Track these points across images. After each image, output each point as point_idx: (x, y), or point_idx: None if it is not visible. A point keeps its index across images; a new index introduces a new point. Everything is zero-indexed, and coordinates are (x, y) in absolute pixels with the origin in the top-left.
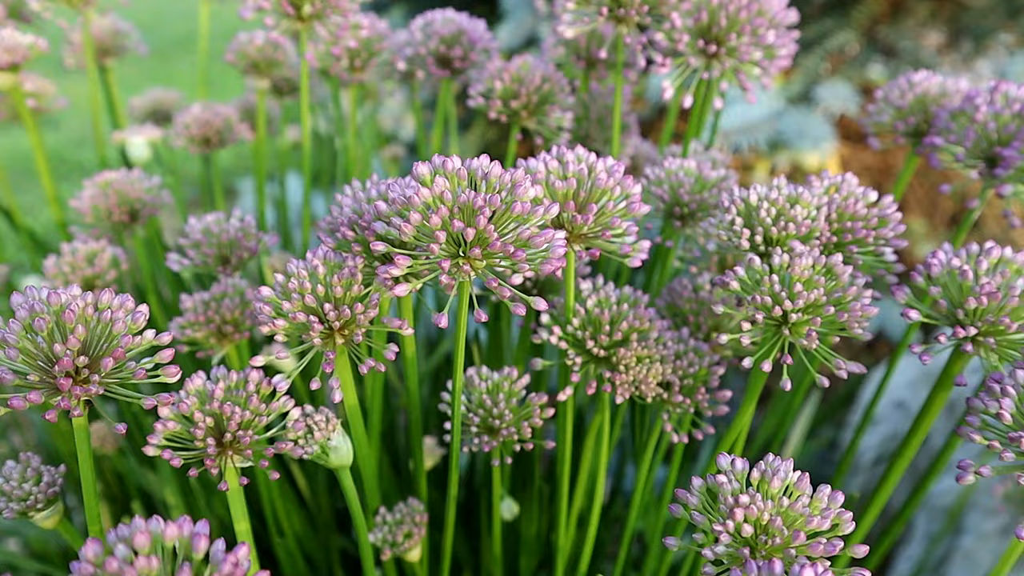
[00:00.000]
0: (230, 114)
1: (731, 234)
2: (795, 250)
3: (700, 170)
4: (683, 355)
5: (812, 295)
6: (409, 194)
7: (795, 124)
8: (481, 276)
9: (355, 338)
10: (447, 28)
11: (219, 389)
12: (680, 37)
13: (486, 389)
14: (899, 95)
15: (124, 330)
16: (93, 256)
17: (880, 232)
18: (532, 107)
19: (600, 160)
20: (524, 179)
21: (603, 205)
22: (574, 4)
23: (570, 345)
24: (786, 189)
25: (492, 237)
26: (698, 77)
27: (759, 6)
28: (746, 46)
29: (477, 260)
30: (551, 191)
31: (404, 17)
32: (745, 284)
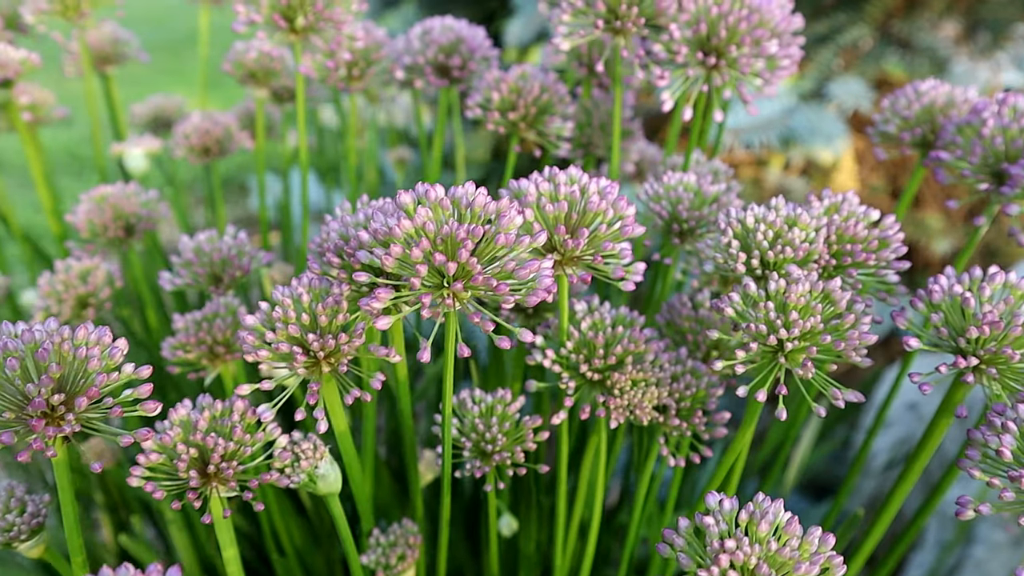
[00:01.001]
0: (229, 123)
1: (727, 257)
2: (792, 275)
3: (700, 185)
4: (680, 377)
5: (808, 323)
6: (392, 224)
7: (807, 121)
8: (465, 309)
9: (340, 368)
10: (445, 36)
11: (203, 420)
12: (679, 48)
13: (479, 413)
14: (905, 105)
15: (100, 367)
16: (87, 274)
17: (881, 254)
18: (530, 119)
19: (593, 181)
20: (509, 208)
21: (595, 228)
22: (569, 16)
23: (564, 368)
24: (784, 210)
25: (475, 270)
26: (698, 89)
27: (760, 16)
28: (747, 57)
29: (460, 293)
30: (542, 215)
31: (416, 13)
32: (740, 310)
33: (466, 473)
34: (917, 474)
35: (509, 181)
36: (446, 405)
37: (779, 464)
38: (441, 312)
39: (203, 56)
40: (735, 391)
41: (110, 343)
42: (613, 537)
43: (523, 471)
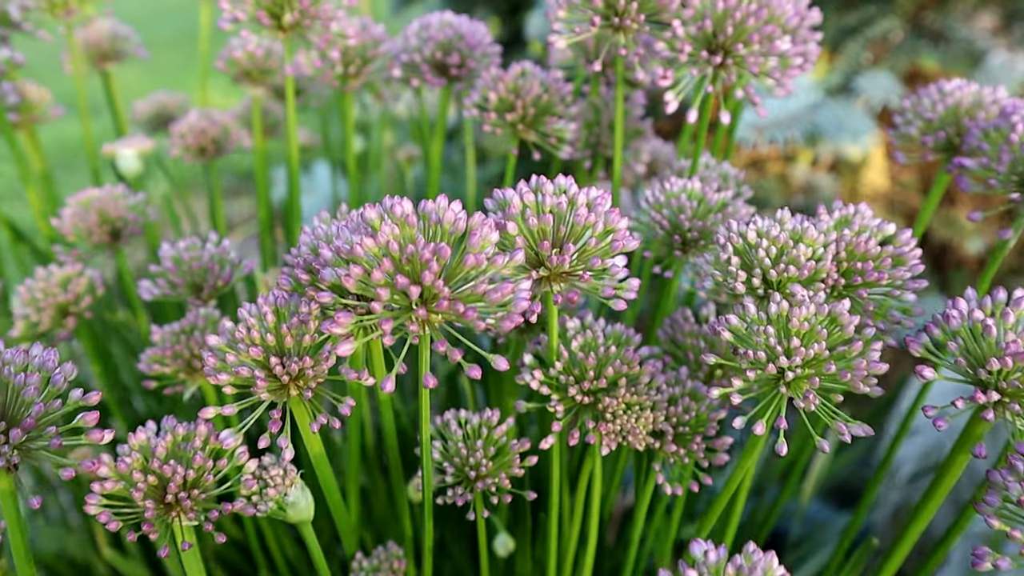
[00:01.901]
0: (227, 122)
1: (726, 274)
2: (795, 296)
3: (704, 192)
4: (678, 400)
5: (811, 350)
6: (355, 241)
7: (833, 117)
8: (435, 334)
9: (305, 394)
10: (443, 33)
11: (161, 446)
12: (682, 46)
13: (462, 436)
14: (928, 106)
15: (37, 396)
16: (68, 281)
17: (896, 273)
18: (529, 120)
19: (583, 191)
20: (482, 225)
21: (584, 243)
22: (565, 12)
23: (552, 390)
24: (790, 223)
25: (441, 294)
26: (703, 89)
27: (770, 11)
28: (756, 56)
29: (426, 318)
30: (525, 228)
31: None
32: (738, 334)
33: (448, 500)
34: (934, 509)
35: (495, 191)
36: (424, 432)
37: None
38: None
39: (203, 52)
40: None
41: (54, 367)
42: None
43: (508, 498)
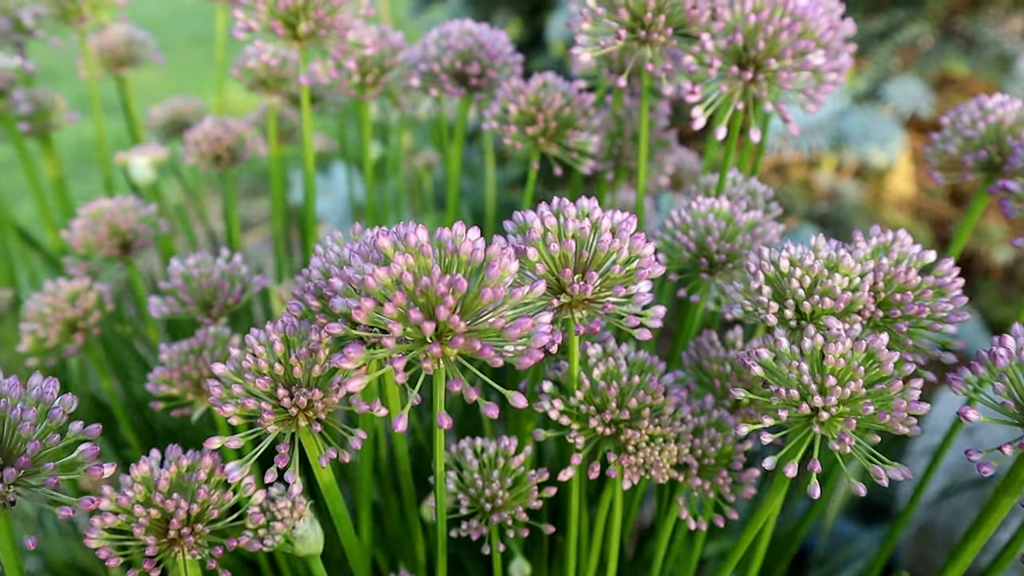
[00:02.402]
0: (242, 129)
1: (757, 305)
2: (831, 330)
3: (732, 212)
4: (703, 431)
5: (848, 389)
6: (367, 271)
7: (860, 124)
8: (451, 371)
9: (313, 428)
10: (463, 41)
11: (164, 479)
12: (712, 61)
13: (478, 467)
14: (969, 123)
15: (34, 432)
16: (76, 296)
17: (937, 306)
18: (551, 133)
19: (607, 215)
20: (500, 255)
21: (607, 269)
22: (589, 25)
23: (572, 420)
24: (825, 251)
25: (457, 329)
26: (732, 106)
27: (804, 25)
28: (788, 71)
29: (440, 354)
30: (547, 254)
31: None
32: (769, 368)
33: (462, 533)
34: (974, 552)
35: (515, 213)
36: (438, 465)
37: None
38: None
39: (219, 58)
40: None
41: (53, 399)
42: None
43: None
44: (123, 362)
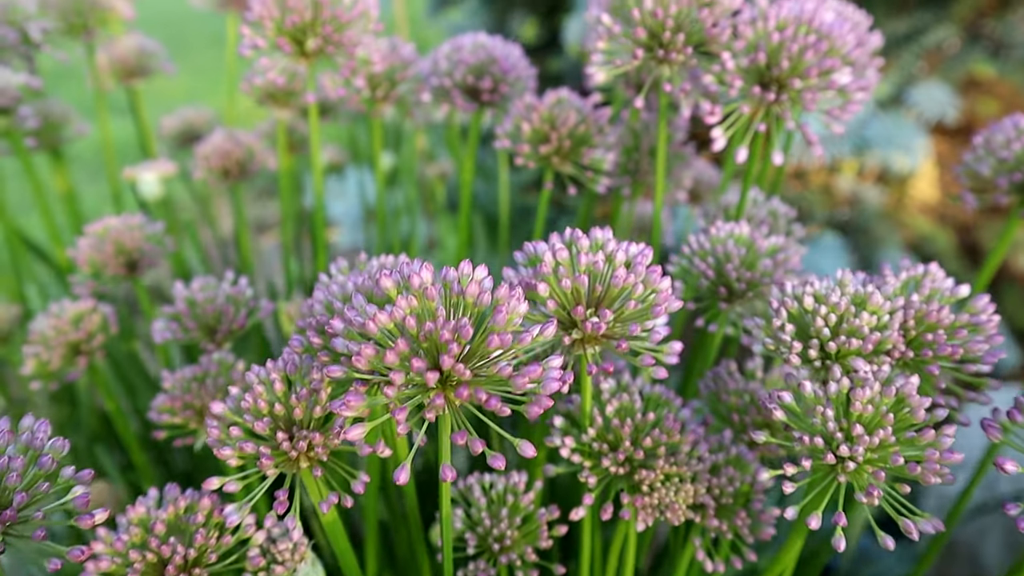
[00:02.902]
0: (252, 143)
1: (779, 343)
2: (858, 372)
3: (753, 238)
4: (721, 468)
5: (876, 438)
6: (369, 313)
7: (884, 130)
8: (457, 420)
9: (314, 472)
10: (475, 56)
11: (161, 523)
12: (732, 80)
13: (486, 504)
14: (1003, 143)
15: (19, 484)
16: (80, 318)
17: (971, 346)
18: (565, 152)
19: (621, 248)
20: (508, 298)
21: (621, 306)
22: (605, 43)
23: (585, 458)
24: (852, 286)
25: (463, 377)
26: (755, 127)
27: (830, 43)
28: (813, 92)
29: (444, 403)
30: (558, 290)
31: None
32: (793, 412)
33: (469, 575)
34: None
35: (525, 244)
36: (444, 511)
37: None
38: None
39: (229, 68)
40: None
41: (43, 444)
42: None
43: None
44: (131, 380)
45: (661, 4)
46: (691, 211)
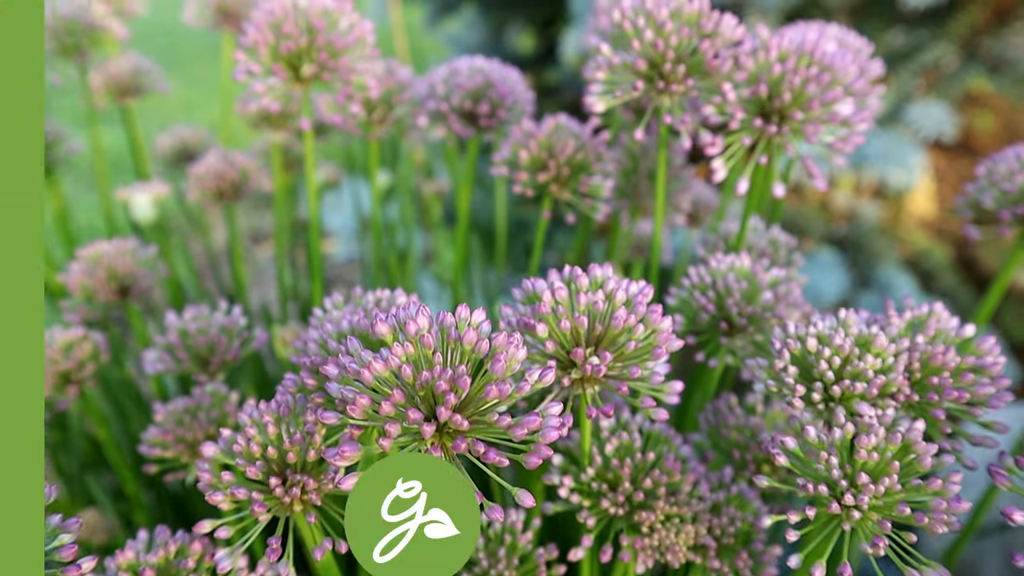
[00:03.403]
0: (246, 163)
1: (782, 385)
2: (863, 418)
3: (754, 272)
4: (722, 507)
5: (881, 486)
6: (366, 359)
7: (881, 147)
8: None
9: (308, 518)
10: (472, 80)
11: (150, 569)
12: (734, 112)
13: (484, 544)
14: (1006, 174)
15: None
16: (70, 347)
17: (978, 391)
18: (563, 179)
19: (622, 286)
20: (507, 345)
21: (621, 347)
22: (604, 74)
23: (583, 497)
24: (855, 327)
25: (460, 429)
26: (755, 159)
27: (832, 75)
28: (815, 124)
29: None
30: (557, 331)
31: (476, 16)
32: (796, 457)
33: None
34: None
35: (523, 281)
36: None
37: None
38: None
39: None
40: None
41: None
42: None
43: None
44: (123, 404)
45: (661, 35)
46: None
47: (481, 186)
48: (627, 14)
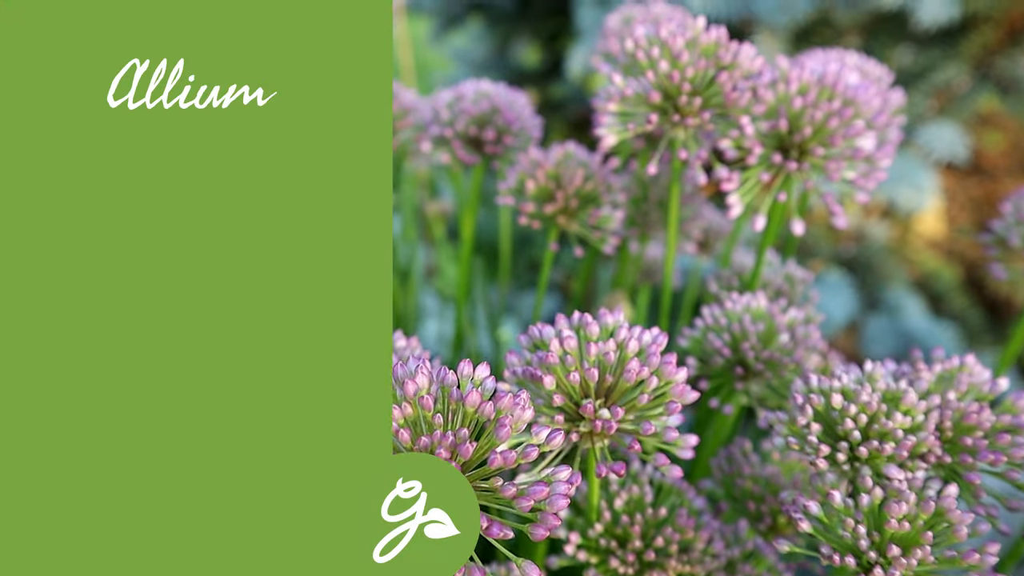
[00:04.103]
0: None
1: (804, 443)
2: (891, 481)
3: (772, 313)
4: (737, 565)
5: (913, 559)
6: None
7: (893, 169)
8: None
9: None
10: (478, 106)
11: None
12: (752, 146)
13: None
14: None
15: None
16: None
17: (1015, 452)
18: (571, 211)
19: (634, 336)
20: (513, 407)
21: (632, 400)
22: (616, 106)
23: (591, 554)
24: (882, 381)
25: None
26: (773, 195)
27: (855, 109)
28: (837, 161)
29: None
30: (565, 384)
31: (481, 30)
32: (822, 523)
33: None
34: None
35: (530, 327)
36: None
37: None
38: None
39: None
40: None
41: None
42: None
43: None
44: None
45: (677, 66)
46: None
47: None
48: (640, 43)
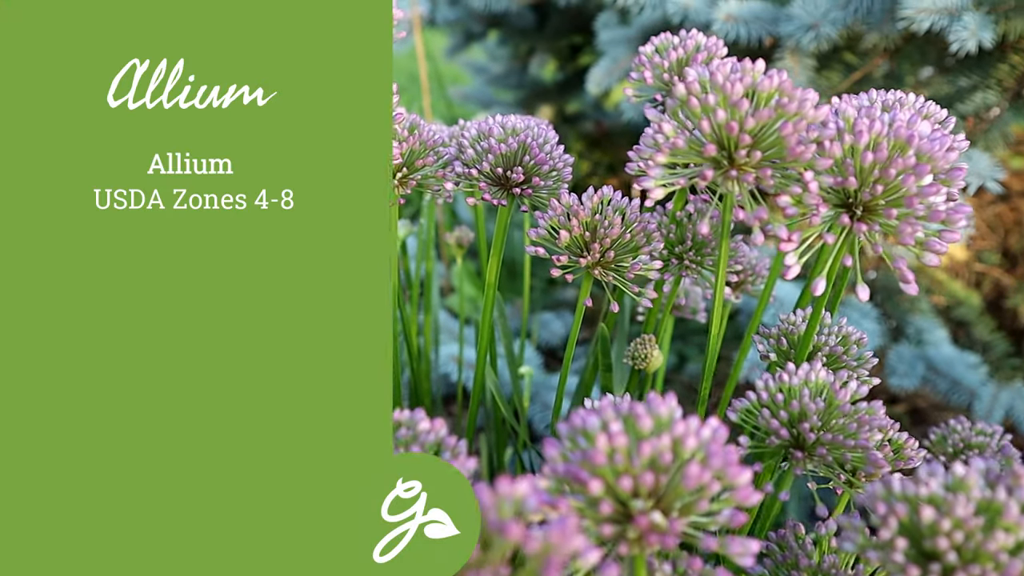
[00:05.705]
0: None
1: (887, 560)
2: None
3: (834, 386)
4: None
5: None
6: None
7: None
8: None
9: None
10: (505, 144)
11: None
12: (817, 205)
13: None
14: None
15: None
16: None
17: None
18: (608, 263)
19: (692, 433)
20: (562, 541)
21: (690, 503)
22: (666, 157)
23: None
24: (976, 490)
25: None
26: (839, 260)
27: (933, 164)
28: (912, 224)
29: None
30: (615, 490)
31: (498, 44)
32: None
33: None
34: None
35: (572, 416)
36: None
37: None
38: None
39: None
40: None
41: None
42: None
43: None
44: None
45: (736, 116)
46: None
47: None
48: (694, 90)
